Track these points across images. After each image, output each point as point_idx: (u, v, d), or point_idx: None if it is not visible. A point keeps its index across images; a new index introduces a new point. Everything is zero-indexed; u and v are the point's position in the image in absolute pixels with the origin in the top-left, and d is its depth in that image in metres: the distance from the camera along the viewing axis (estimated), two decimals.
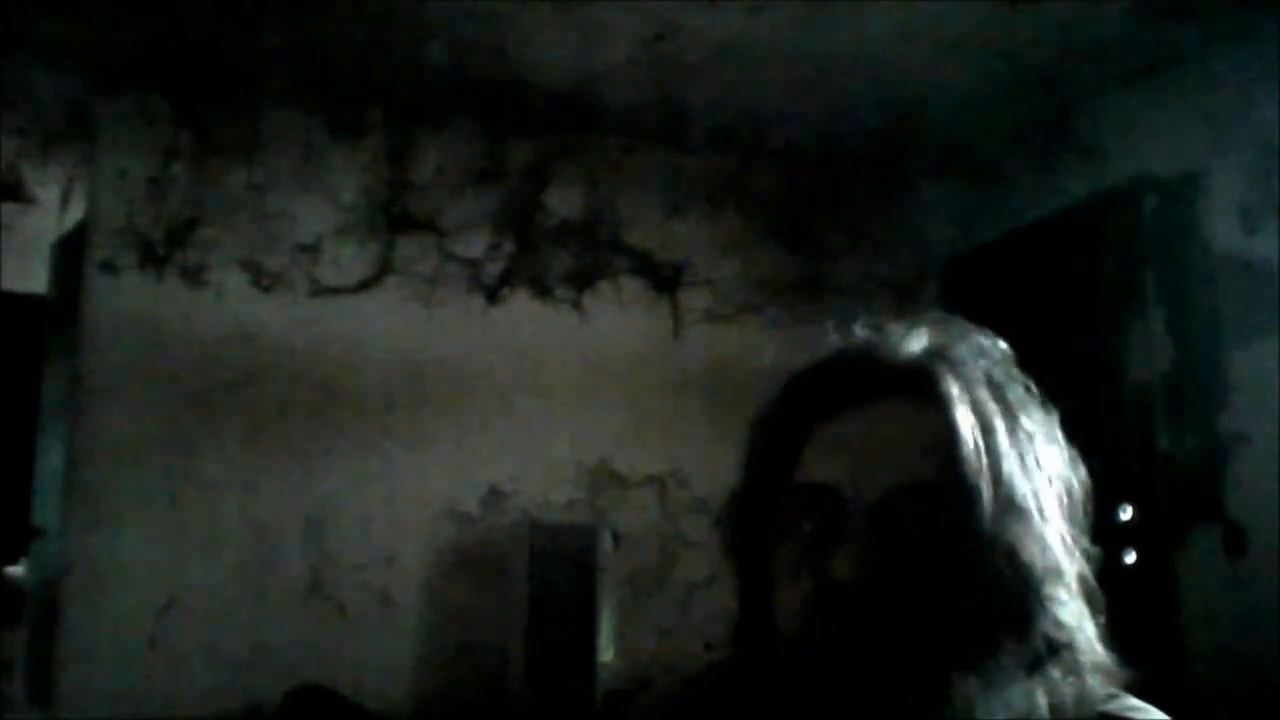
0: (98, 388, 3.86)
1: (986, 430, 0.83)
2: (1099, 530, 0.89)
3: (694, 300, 4.51)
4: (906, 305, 4.54)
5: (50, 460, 4.27)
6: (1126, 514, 3.56)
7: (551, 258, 4.39)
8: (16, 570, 5.13)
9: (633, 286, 4.46)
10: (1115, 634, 0.89)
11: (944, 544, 0.80)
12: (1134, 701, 0.86)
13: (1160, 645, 3.39)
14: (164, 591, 3.80)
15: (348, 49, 3.83)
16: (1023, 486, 0.83)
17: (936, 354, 0.87)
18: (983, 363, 0.88)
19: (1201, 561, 3.46)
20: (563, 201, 4.42)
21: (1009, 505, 0.82)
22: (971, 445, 0.82)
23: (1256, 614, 3.29)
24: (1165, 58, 3.67)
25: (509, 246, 4.35)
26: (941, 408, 0.83)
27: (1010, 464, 0.83)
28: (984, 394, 0.86)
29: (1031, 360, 0.93)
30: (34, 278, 4.98)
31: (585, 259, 4.43)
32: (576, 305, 4.39)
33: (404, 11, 3.55)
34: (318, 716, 3.62)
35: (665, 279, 4.50)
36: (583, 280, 4.41)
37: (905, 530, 0.81)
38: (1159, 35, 3.55)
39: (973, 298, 4.31)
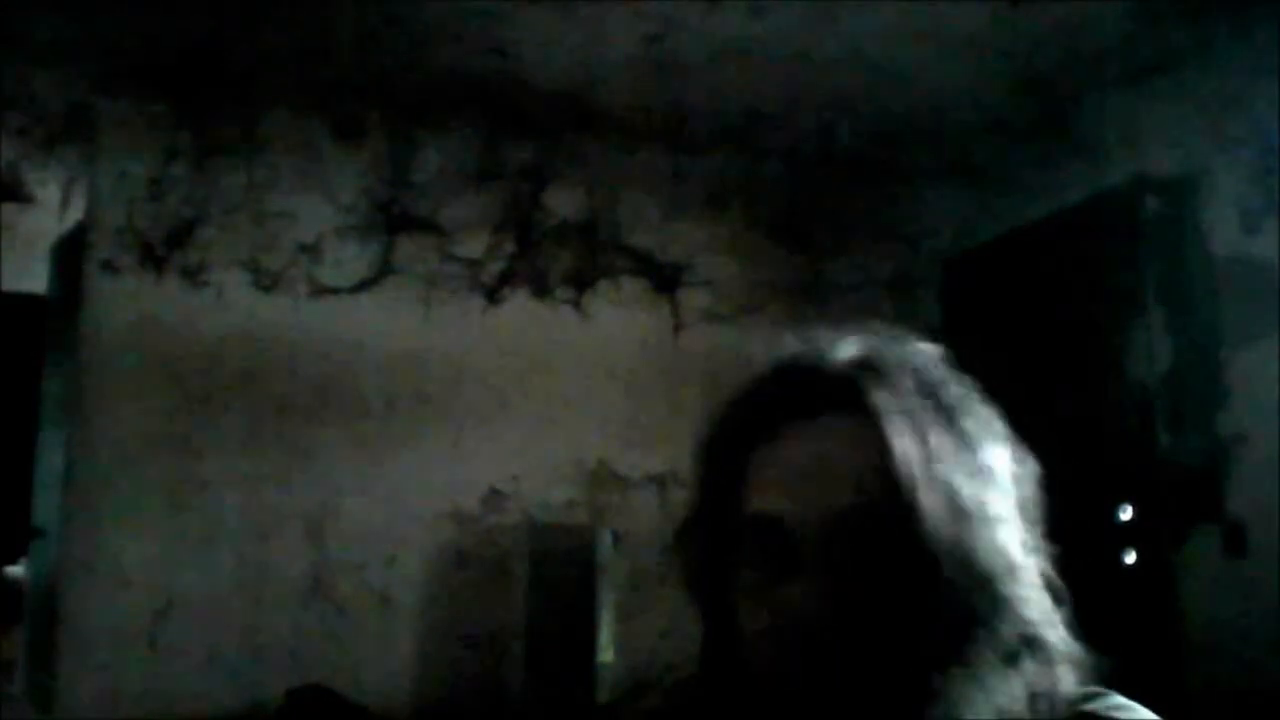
0: (98, 388, 3.86)
1: (923, 438, 0.81)
2: (1099, 530, 0.89)
3: (694, 300, 4.51)
4: (906, 305, 4.55)
5: (50, 460, 4.27)
6: (1126, 514, 3.56)
7: (551, 258, 4.39)
8: (16, 570, 5.14)
9: (633, 286, 4.46)
10: (1115, 634, 0.88)
11: (894, 562, 0.78)
12: (1119, 700, 0.84)
13: (1160, 645, 3.39)
14: (164, 591, 3.80)
15: (348, 49, 3.83)
16: (967, 490, 0.81)
17: (862, 364, 0.84)
18: (913, 367, 0.85)
19: (1201, 561, 3.46)
20: (563, 201, 4.42)
21: (956, 512, 0.79)
22: (909, 457, 0.79)
23: (1256, 614, 3.29)
24: (1165, 58, 3.67)
25: (509, 246, 4.35)
26: (874, 421, 0.80)
27: (951, 469, 0.81)
28: (916, 400, 0.83)
29: (1031, 360, 0.93)
30: (34, 278, 4.99)
31: (585, 259, 4.43)
32: (576, 305, 4.39)
33: (404, 12, 3.55)
34: (318, 716, 3.62)
35: (665, 279, 4.50)
36: (583, 280, 4.41)
37: (854, 554, 0.79)
38: (1159, 35, 3.55)
39: (973, 298, 4.31)
